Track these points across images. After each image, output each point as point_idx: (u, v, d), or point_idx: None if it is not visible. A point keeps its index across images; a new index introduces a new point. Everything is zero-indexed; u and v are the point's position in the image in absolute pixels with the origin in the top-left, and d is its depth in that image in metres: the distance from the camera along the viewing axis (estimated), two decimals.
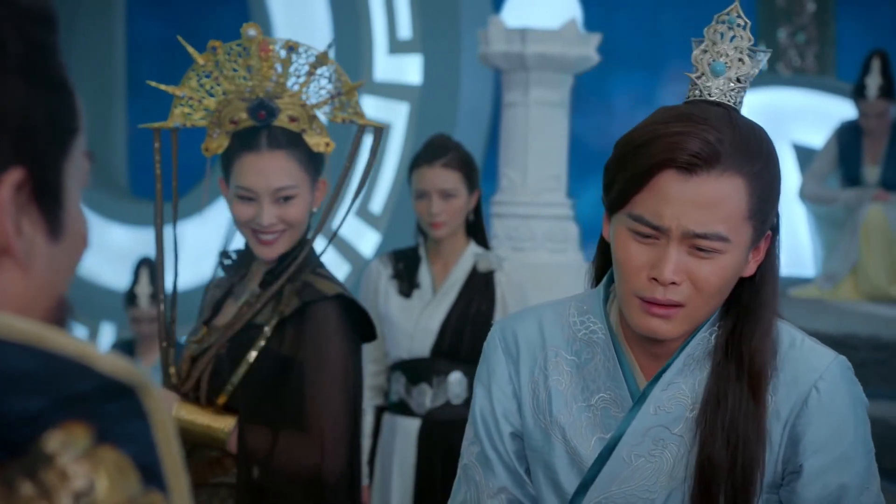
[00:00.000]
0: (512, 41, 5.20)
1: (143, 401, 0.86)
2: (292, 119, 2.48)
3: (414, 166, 3.58)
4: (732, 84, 1.67)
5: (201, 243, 7.35)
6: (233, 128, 2.48)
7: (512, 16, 5.39)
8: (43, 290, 0.94)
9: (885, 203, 6.61)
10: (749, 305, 1.70)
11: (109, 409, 0.85)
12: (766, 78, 9.00)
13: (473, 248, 3.61)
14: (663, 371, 1.71)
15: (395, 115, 6.89)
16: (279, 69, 2.48)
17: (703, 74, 1.68)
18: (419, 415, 3.55)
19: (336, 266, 7.00)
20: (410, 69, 6.88)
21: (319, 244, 7.50)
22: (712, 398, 1.67)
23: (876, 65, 6.66)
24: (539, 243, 5.20)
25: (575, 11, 5.39)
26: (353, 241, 6.97)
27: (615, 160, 1.66)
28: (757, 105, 8.19)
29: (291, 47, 2.49)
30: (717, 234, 1.61)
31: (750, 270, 1.69)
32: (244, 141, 2.48)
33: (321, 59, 2.50)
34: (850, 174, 6.81)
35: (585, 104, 6.58)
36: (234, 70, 2.48)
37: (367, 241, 6.96)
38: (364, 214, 6.96)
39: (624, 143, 1.66)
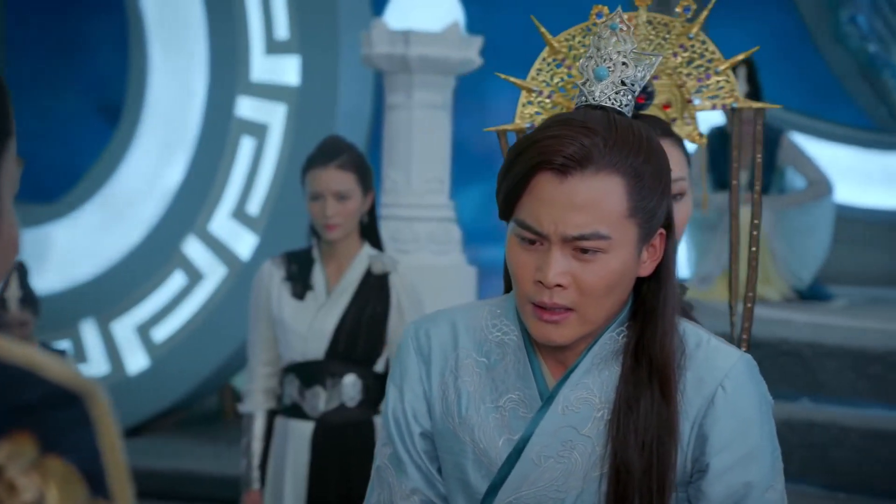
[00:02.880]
0: (395, 43, 5.20)
1: (89, 408, 0.85)
2: (666, 105, 2.13)
3: (308, 168, 3.55)
4: (617, 87, 1.70)
5: (71, 246, 7.21)
6: None
7: (394, 18, 5.39)
8: None
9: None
10: (652, 306, 1.71)
11: (55, 417, 0.83)
12: None
13: (368, 250, 3.60)
14: (571, 371, 1.72)
15: (273, 116, 6.84)
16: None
17: (587, 80, 1.71)
18: (313, 418, 3.52)
19: (211, 268, 6.92)
20: (288, 70, 6.84)
21: (193, 246, 7.30)
22: (624, 403, 1.69)
23: (742, 72, 6.80)
24: (422, 245, 5.22)
25: (457, 14, 5.42)
26: (229, 243, 6.90)
27: (503, 167, 1.69)
28: None
29: (651, 20, 2.10)
30: (596, 233, 1.63)
31: (647, 270, 1.71)
32: None
33: (689, 30, 2.11)
34: (721, 179, 6.96)
35: (464, 106, 6.60)
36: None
37: (243, 243, 6.89)
38: (241, 216, 6.89)
39: (510, 150, 1.69)
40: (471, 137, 7.35)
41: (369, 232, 3.61)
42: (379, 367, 3.55)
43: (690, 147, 2.22)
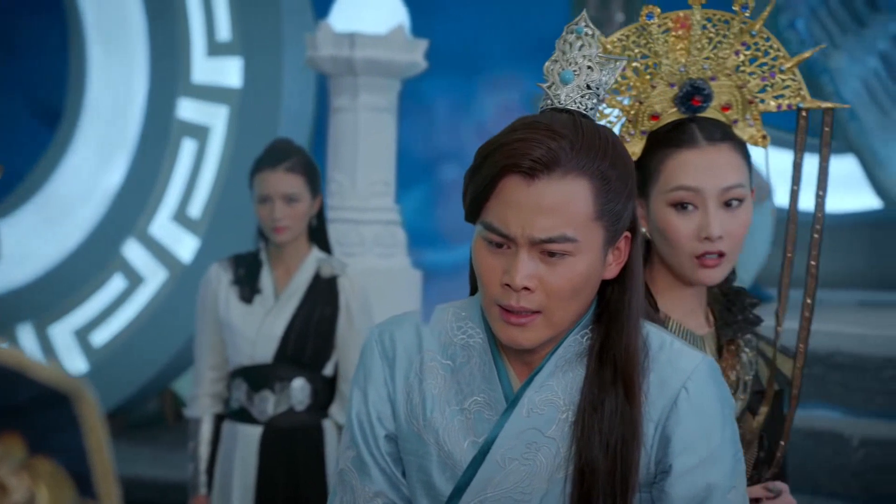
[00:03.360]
0: (340, 46, 5.20)
1: (76, 408, 0.85)
2: (725, 106, 2.01)
3: (256, 171, 3.53)
4: (582, 90, 1.71)
5: (8, 249, 7.12)
6: (652, 125, 2.01)
7: (339, 20, 5.39)
8: None
9: None
10: (617, 308, 1.72)
11: (43, 418, 0.83)
12: None
13: (316, 254, 3.58)
14: (535, 373, 1.73)
15: (215, 119, 6.80)
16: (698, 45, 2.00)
17: (553, 84, 1.72)
18: (261, 422, 3.50)
19: (152, 271, 6.86)
20: (230, 72, 6.81)
21: (134, 248, 7.23)
22: (589, 405, 1.69)
23: None
24: (368, 248, 5.22)
25: (402, 17, 5.42)
26: (170, 246, 6.85)
27: (469, 170, 1.70)
28: None
29: (710, 17, 2.01)
30: (564, 235, 1.63)
31: (612, 273, 1.71)
32: (669, 138, 2.00)
33: (752, 27, 2.01)
34: None
35: (405, 110, 6.62)
36: (644, 56, 2.01)
37: (185, 246, 6.85)
38: (182, 219, 6.85)
39: (478, 152, 1.70)
40: (413, 141, 7.36)
41: (318, 235, 3.60)
42: (328, 370, 3.54)
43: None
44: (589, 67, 1.71)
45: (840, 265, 8.51)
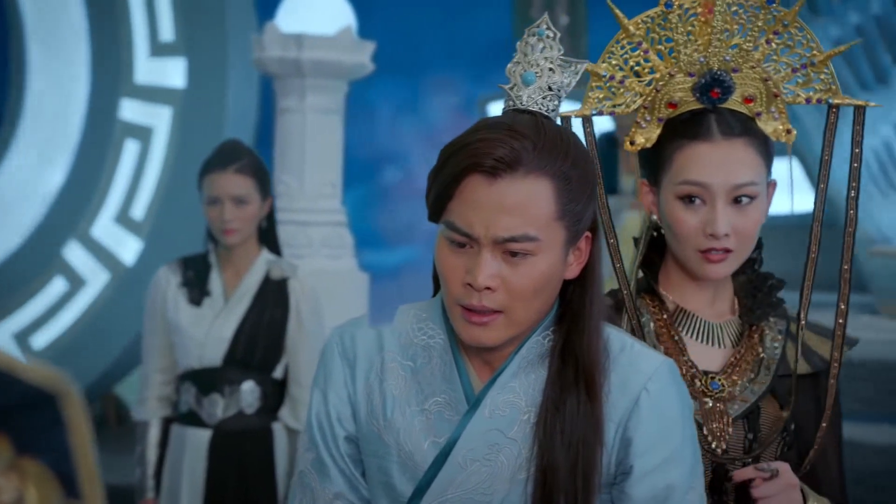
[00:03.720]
0: (287, 47, 5.19)
1: (62, 408, 0.84)
2: (748, 99, 1.96)
3: (205, 172, 3.50)
4: (544, 92, 1.72)
5: None
6: (669, 113, 1.97)
7: (286, 21, 5.37)
8: None
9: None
10: (578, 308, 1.74)
11: (31, 419, 0.83)
12: None
13: (266, 256, 3.57)
14: (498, 374, 1.73)
15: (158, 119, 6.76)
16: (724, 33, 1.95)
17: (515, 85, 1.73)
18: (210, 425, 3.47)
19: (93, 274, 6.80)
20: (173, 72, 6.76)
21: (75, 251, 7.16)
22: (551, 404, 1.70)
23: None
24: (316, 249, 5.21)
25: (350, 19, 5.42)
26: (112, 248, 6.80)
27: (433, 170, 1.70)
28: None
29: (741, 3, 1.96)
30: (526, 235, 1.65)
31: (573, 273, 1.73)
32: (684, 128, 1.95)
33: (785, 17, 1.97)
34: (608, 183, 7.07)
35: (347, 111, 6.62)
36: (668, 40, 1.97)
37: (128, 248, 6.80)
38: (125, 220, 6.79)
39: (441, 153, 1.70)
40: (354, 143, 7.35)
41: (268, 237, 3.58)
42: (277, 373, 3.53)
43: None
44: (550, 69, 1.73)
45: (782, 266, 8.60)
